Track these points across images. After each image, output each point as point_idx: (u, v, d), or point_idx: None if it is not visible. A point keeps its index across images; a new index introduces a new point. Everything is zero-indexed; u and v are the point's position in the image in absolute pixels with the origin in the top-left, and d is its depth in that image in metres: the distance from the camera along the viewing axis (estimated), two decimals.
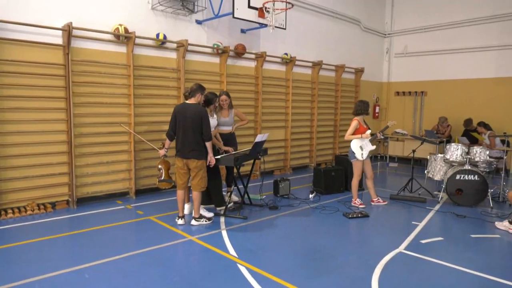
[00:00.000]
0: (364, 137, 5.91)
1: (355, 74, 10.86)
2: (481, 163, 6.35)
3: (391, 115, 11.95)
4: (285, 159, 9.06)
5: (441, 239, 4.70)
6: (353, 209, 5.93)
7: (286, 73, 8.90)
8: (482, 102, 9.96)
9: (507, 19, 9.50)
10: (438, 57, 10.81)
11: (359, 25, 10.85)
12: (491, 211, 5.94)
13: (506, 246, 4.59)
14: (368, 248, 4.43)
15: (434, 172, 6.90)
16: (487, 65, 9.91)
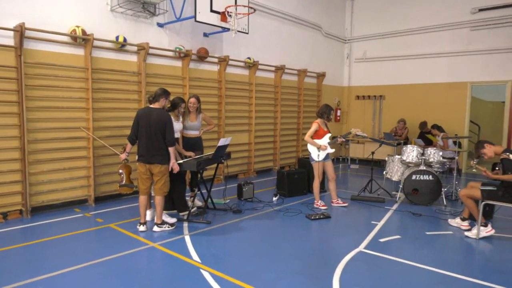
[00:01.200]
0: (322, 148, 6.04)
1: (317, 78, 11.10)
2: (435, 163, 6.67)
3: (352, 118, 12.30)
4: (249, 162, 9.09)
5: (398, 237, 4.88)
6: (315, 210, 6.05)
7: (249, 77, 8.96)
8: (435, 106, 10.46)
9: (457, 27, 10.05)
10: (396, 63, 11.26)
11: (321, 30, 11.11)
12: (445, 209, 6.24)
13: (458, 242, 4.83)
14: (329, 248, 4.52)
15: (392, 173, 7.16)
16: (440, 71, 10.43)
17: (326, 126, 6.23)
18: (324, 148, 6.06)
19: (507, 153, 4.73)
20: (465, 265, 4.14)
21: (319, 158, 6.09)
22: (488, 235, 4.85)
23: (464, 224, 5.21)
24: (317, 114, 6.29)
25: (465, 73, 10.05)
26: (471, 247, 4.67)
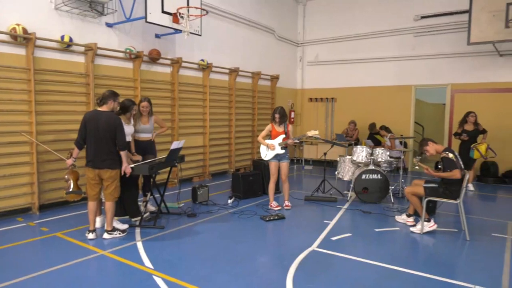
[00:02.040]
0: (270, 148, 6.13)
1: (271, 81, 11.23)
2: (383, 163, 6.98)
3: (305, 120, 12.57)
4: (204, 165, 9.02)
5: (349, 235, 5.05)
6: (270, 212, 6.11)
7: (203, 79, 8.89)
8: (383, 108, 10.94)
9: (402, 33, 10.59)
10: (346, 66, 11.65)
11: (274, 34, 11.26)
12: (393, 206, 6.54)
13: (404, 237, 5.08)
14: (283, 248, 4.59)
15: (344, 173, 7.39)
16: (387, 74, 10.93)
17: (283, 127, 6.24)
18: (272, 148, 6.13)
19: (446, 152, 5.04)
20: (410, 259, 4.35)
21: (266, 158, 6.19)
22: (431, 229, 5.14)
23: (410, 220, 5.49)
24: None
25: (410, 76, 10.60)
26: (416, 242, 4.92)
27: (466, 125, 7.99)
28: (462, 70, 9.84)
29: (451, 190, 4.96)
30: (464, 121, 8.03)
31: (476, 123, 7.93)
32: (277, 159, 6.24)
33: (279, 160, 6.23)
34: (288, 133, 6.21)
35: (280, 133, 6.18)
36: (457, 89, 10.00)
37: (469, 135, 7.88)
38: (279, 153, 6.18)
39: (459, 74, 9.90)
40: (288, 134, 6.20)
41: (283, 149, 6.20)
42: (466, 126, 7.98)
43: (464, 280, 3.72)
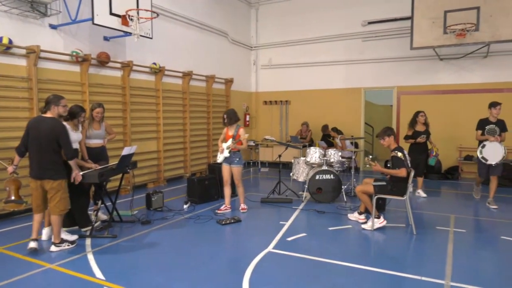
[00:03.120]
0: (220, 151, 6.13)
1: (225, 84, 11.23)
2: (336, 163, 7.20)
3: (260, 123, 12.68)
4: (159, 170, 8.82)
5: (304, 235, 5.14)
6: (226, 215, 6.09)
7: (155, 83, 8.71)
8: (335, 110, 11.28)
9: (351, 38, 10.99)
10: (299, 69, 11.90)
11: (227, 37, 11.27)
12: (346, 205, 6.75)
13: (357, 234, 5.26)
14: (240, 251, 4.59)
15: (298, 174, 7.53)
16: (338, 77, 11.29)
17: (235, 130, 6.21)
18: (221, 151, 6.13)
19: (396, 151, 5.29)
20: (363, 255, 4.51)
21: (218, 161, 6.21)
22: (381, 226, 5.36)
23: (361, 218, 5.69)
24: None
25: (359, 79, 11.03)
26: (368, 238, 5.11)
27: (416, 126, 7.56)
28: (406, 73, 10.38)
29: (398, 187, 5.21)
30: (414, 122, 7.59)
31: (426, 123, 7.57)
32: (227, 162, 6.20)
33: (230, 164, 6.20)
34: (237, 136, 6.11)
35: (230, 137, 6.13)
36: (402, 91, 10.53)
37: (420, 136, 7.46)
38: (227, 156, 6.13)
39: (404, 77, 10.43)
40: (236, 138, 6.10)
41: (234, 153, 6.14)
42: (417, 127, 7.55)
43: (411, 273, 3.91)
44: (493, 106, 6.70)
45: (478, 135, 6.75)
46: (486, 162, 6.54)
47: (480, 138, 6.72)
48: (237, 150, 6.15)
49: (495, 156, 6.47)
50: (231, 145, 6.06)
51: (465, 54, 9.44)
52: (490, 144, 6.53)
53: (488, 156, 6.53)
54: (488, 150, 6.54)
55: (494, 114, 6.68)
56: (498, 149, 6.45)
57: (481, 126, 6.77)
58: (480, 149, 6.61)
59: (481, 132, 6.73)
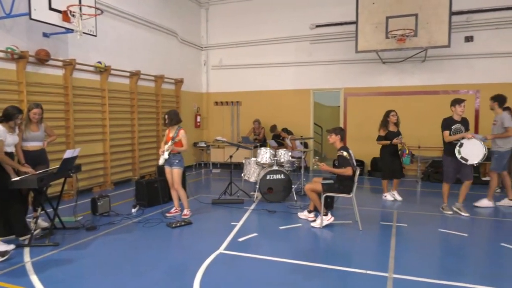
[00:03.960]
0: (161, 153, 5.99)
1: (175, 84, 11.03)
2: (286, 163, 7.32)
3: (212, 124, 12.59)
4: (105, 174, 8.47)
5: (255, 235, 5.17)
6: (176, 218, 5.98)
7: (101, 82, 8.35)
8: (286, 110, 11.46)
9: (300, 40, 11.23)
10: (250, 70, 11.96)
11: (177, 37, 11.08)
12: (296, 204, 6.88)
13: (306, 232, 5.38)
14: (190, 254, 4.52)
15: (250, 175, 7.56)
16: (288, 79, 11.49)
17: (175, 131, 5.98)
18: (160, 153, 5.99)
19: (342, 150, 5.47)
20: (312, 253, 4.62)
21: (160, 163, 6.04)
22: (329, 223, 5.53)
23: (311, 216, 5.83)
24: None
25: (308, 81, 11.30)
26: (317, 236, 5.25)
27: (389, 126, 7.15)
28: (352, 75, 10.80)
29: (345, 185, 5.40)
30: (386, 122, 7.18)
31: (397, 123, 7.20)
32: (168, 165, 6.04)
33: (170, 166, 6.04)
34: (176, 137, 5.90)
35: (171, 138, 5.94)
36: (349, 92, 10.94)
37: (394, 136, 7.09)
38: (166, 158, 5.94)
39: (350, 79, 10.84)
40: (175, 139, 5.90)
41: (174, 155, 5.97)
42: (390, 127, 7.15)
43: (357, 267, 4.07)
44: (457, 103, 6.04)
45: (447, 136, 6.04)
46: (467, 163, 5.82)
47: (451, 138, 5.98)
48: (177, 152, 6.01)
49: (475, 154, 5.77)
50: (169, 146, 5.90)
51: (406, 58, 9.99)
52: (468, 142, 5.82)
53: (468, 156, 5.79)
54: (466, 149, 5.81)
55: (458, 112, 6.05)
56: (478, 147, 5.76)
57: (447, 126, 6.07)
58: (458, 148, 5.84)
59: (448, 132, 6.03)
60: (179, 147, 5.96)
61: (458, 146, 5.86)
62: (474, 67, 9.66)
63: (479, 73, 9.64)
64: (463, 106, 6.05)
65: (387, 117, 7.17)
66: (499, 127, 6.51)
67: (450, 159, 6.02)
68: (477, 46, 9.60)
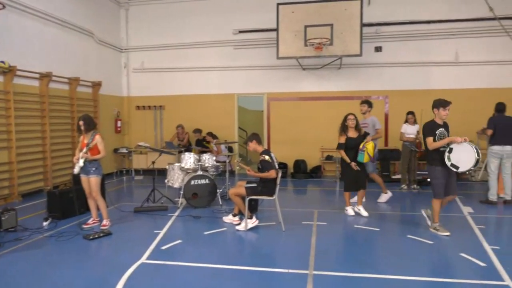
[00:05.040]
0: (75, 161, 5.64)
1: (93, 87, 10.41)
2: (210, 167, 7.29)
3: (134, 129, 12.10)
4: (11, 185, 7.69)
5: (180, 242, 5.07)
6: (94, 229, 5.63)
7: (5, 84, 7.58)
8: (210, 115, 11.42)
9: (223, 45, 11.28)
10: (173, 74, 11.71)
11: (93, 37, 10.48)
12: (221, 208, 6.88)
13: (231, 236, 5.41)
14: (110, 266, 4.29)
15: (174, 180, 7.39)
16: (212, 83, 11.47)
17: (91, 138, 5.64)
18: (75, 161, 5.65)
19: (264, 154, 5.60)
20: (237, 256, 4.67)
21: (74, 171, 5.67)
22: (253, 225, 5.62)
23: (235, 220, 5.88)
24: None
25: (232, 85, 11.40)
26: (241, 239, 5.30)
27: (348, 132, 6.27)
28: (275, 81, 11.13)
29: (268, 188, 5.54)
30: (344, 127, 6.30)
31: (358, 128, 6.33)
32: (84, 173, 5.70)
33: (87, 174, 5.71)
34: (91, 143, 5.59)
35: (86, 145, 5.61)
36: (272, 97, 11.25)
37: (355, 143, 6.19)
38: (81, 166, 5.60)
39: (272, 84, 11.16)
40: (90, 145, 5.59)
41: (90, 163, 5.63)
42: (349, 132, 6.27)
43: (280, 267, 4.19)
44: (442, 106, 5.17)
45: (431, 142, 5.16)
46: (458, 170, 5.07)
47: (437, 144, 5.13)
48: (93, 159, 5.67)
49: (466, 160, 4.98)
50: (84, 153, 5.57)
51: (323, 65, 10.55)
52: (458, 147, 5.00)
53: (458, 163, 5.01)
54: (456, 155, 5.01)
55: (443, 116, 5.20)
56: (469, 151, 4.97)
57: (431, 132, 5.20)
58: (447, 155, 5.06)
59: (432, 138, 5.16)
60: (96, 154, 5.62)
61: (448, 152, 5.05)
62: (383, 74, 10.54)
63: (387, 80, 10.54)
64: (448, 110, 5.19)
65: (344, 122, 6.34)
66: (371, 130, 7.03)
67: (439, 169, 5.16)
68: (385, 55, 10.49)
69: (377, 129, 7.25)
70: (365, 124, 7.14)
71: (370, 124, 7.20)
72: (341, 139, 6.29)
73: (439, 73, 10.29)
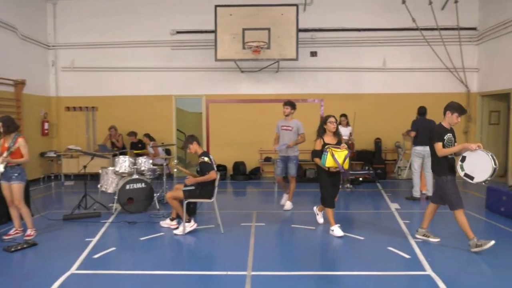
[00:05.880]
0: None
1: (15, 86, 9.59)
2: (147, 171, 7.07)
3: (63, 131, 11.36)
4: None
5: (113, 249, 4.85)
6: (16, 240, 5.18)
7: None
8: (147, 116, 11.06)
9: (160, 45, 11.00)
10: (107, 74, 11.16)
11: (16, 32, 9.67)
12: (159, 213, 6.69)
13: (169, 241, 5.29)
14: (35, 280, 3.97)
15: (107, 185, 7.05)
16: (148, 84, 11.11)
17: (12, 141, 5.18)
18: None
19: (203, 156, 5.54)
20: (175, 261, 4.57)
21: None
22: (192, 229, 5.54)
23: (173, 224, 5.76)
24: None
25: (170, 87, 11.15)
26: (180, 243, 5.20)
27: (326, 137, 5.37)
28: (213, 83, 11.08)
29: (206, 190, 5.49)
30: (322, 131, 5.43)
31: (338, 133, 5.46)
32: (6, 179, 5.22)
33: (8, 181, 5.22)
34: (13, 147, 5.14)
35: (7, 148, 5.15)
36: (210, 99, 11.19)
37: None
38: (2, 172, 5.11)
39: (211, 86, 11.10)
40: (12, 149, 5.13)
41: (12, 168, 5.17)
42: (327, 137, 5.37)
43: (219, 269, 4.18)
44: (458, 112, 4.69)
45: (440, 148, 4.66)
46: (473, 181, 4.57)
47: (450, 151, 4.68)
48: (16, 164, 5.24)
49: (482, 170, 4.47)
50: (5, 158, 5.10)
51: (261, 68, 10.72)
52: (472, 155, 4.54)
53: (473, 172, 4.54)
54: (471, 164, 4.55)
55: (454, 122, 4.75)
56: (485, 160, 4.47)
57: (440, 137, 4.71)
58: (460, 163, 4.60)
59: (442, 144, 4.68)
60: (18, 158, 5.18)
61: (460, 161, 4.60)
62: (318, 78, 10.95)
63: (322, 84, 10.96)
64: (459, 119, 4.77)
65: (323, 124, 5.41)
66: (294, 134, 6.68)
67: (450, 178, 4.70)
68: (320, 60, 10.91)
69: (300, 134, 6.73)
70: (288, 127, 6.74)
71: (294, 128, 6.71)
72: (317, 144, 5.38)
73: (369, 78, 10.92)
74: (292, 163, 6.80)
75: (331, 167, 5.14)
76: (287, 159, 6.81)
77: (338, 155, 5.11)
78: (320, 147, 5.31)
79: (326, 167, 5.17)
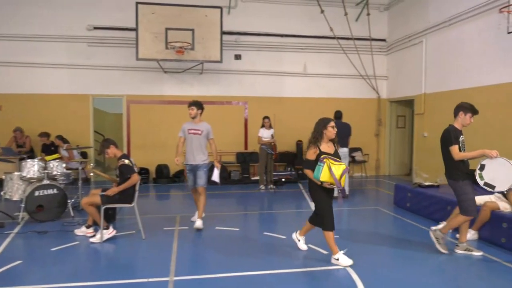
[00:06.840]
0: None
1: None
2: (60, 176, 6.55)
3: None
4: None
5: (20, 263, 4.39)
6: None
7: None
8: (60, 117, 10.21)
9: (75, 41, 10.25)
10: (12, 69, 10.09)
11: None
12: (74, 220, 6.23)
13: (85, 249, 4.95)
14: None
15: (12, 192, 6.37)
16: (61, 82, 10.26)
17: None
18: None
19: (123, 159, 5.27)
20: (92, 271, 4.28)
21: None
22: (110, 236, 5.24)
23: (89, 231, 5.39)
24: None
25: (86, 86, 10.43)
26: (97, 252, 4.89)
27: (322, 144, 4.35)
28: (135, 83, 10.62)
29: (126, 194, 5.23)
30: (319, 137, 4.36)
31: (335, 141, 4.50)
32: None
33: None
34: None
35: None
36: (132, 100, 10.72)
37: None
38: None
39: (132, 86, 10.63)
40: None
41: None
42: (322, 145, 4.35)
43: (140, 277, 4.00)
44: (472, 113, 4.47)
45: (457, 152, 4.37)
46: (494, 190, 4.35)
47: (467, 156, 4.41)
48: None
49: (505, 178, 4.22)
50: None
51: (185, 69, 10.55)
52: (491, 162, 4.28)
53: (494, 181, 4.26)
54: (491, 172, 4.28)
55: (467, 123, 4.50)
56: (507, 167, 4.21)
57: (456, 139, 4.40)
58: (479, 172, 4.33)
59: (458, 146, 4.37)
60: None
61: (479, 170, 4.32)
62: (243, 81, 11.09)
63: (247, 87, 11.12)
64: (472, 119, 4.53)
65: (322, 129, 4.37)
66: (204, 137, 5.99)
67: (467, 182, 4.43)
68: (245, 63, 11.06)
69: (210, 139, 6.04)
70: (197, 131, 5.92)
71: (203, 131, 5.95)
72: (310, 153, 4.32)
73: (291, 82, 11.34)
74: (201, 171, 5.88)
75: (325, 182, 4.12)
76: (195, 167, 5.92)
77: (335, 168, 4.08)
78: (314, 157, 4.26)
79: (320, 181, 4.14)
